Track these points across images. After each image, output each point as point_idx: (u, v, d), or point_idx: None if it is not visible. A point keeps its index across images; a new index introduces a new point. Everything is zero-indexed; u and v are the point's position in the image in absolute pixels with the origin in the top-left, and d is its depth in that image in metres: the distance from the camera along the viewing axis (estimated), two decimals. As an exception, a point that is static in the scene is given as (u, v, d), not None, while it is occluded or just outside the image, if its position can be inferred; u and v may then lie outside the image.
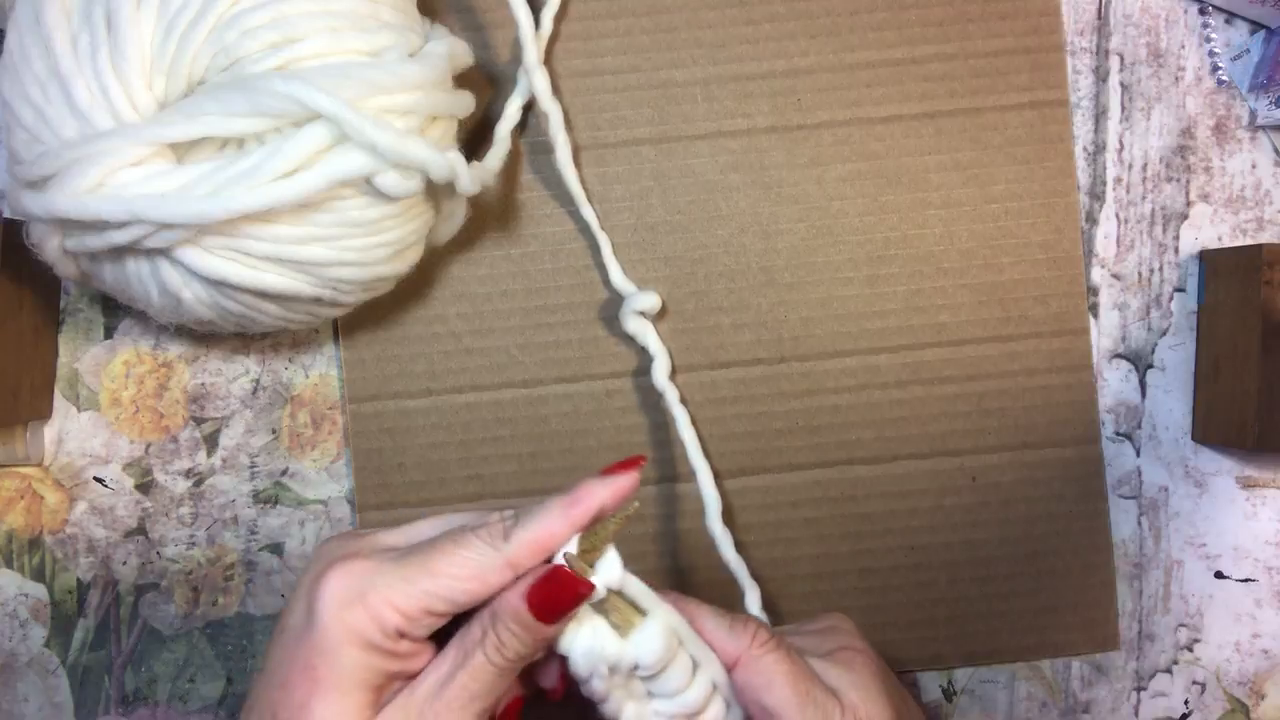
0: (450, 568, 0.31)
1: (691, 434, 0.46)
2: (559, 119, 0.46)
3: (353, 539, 0.34)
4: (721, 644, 0.35)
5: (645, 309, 0.46)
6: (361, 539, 0.34)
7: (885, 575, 0.48)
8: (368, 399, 0.47)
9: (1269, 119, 0.48)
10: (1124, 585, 0.48)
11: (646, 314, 0.46)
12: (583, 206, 0.47)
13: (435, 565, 0.31)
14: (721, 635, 0.35)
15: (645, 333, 0.46)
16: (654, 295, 0.46)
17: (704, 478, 0.45)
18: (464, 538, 0.32)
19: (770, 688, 0.34)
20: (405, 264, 0.43)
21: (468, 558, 0.31)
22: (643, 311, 0.46)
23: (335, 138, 0.37)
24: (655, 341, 0.46)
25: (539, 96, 0.46)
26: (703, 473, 0.45)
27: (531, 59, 0.45)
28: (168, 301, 0.40)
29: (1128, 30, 0.49)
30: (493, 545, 0.32)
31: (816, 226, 0.48)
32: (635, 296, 0.46)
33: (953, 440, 0.48)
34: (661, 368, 0.46)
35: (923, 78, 0.48)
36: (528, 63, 0.45)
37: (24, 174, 0.37)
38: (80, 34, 0.37)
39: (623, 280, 0.47)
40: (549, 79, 0.46)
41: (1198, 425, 0.48)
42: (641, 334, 0.46)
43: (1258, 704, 0.49)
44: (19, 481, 0.48)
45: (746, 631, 0.35)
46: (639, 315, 0.46)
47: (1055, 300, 0.48)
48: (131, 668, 0.48)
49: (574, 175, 0.47)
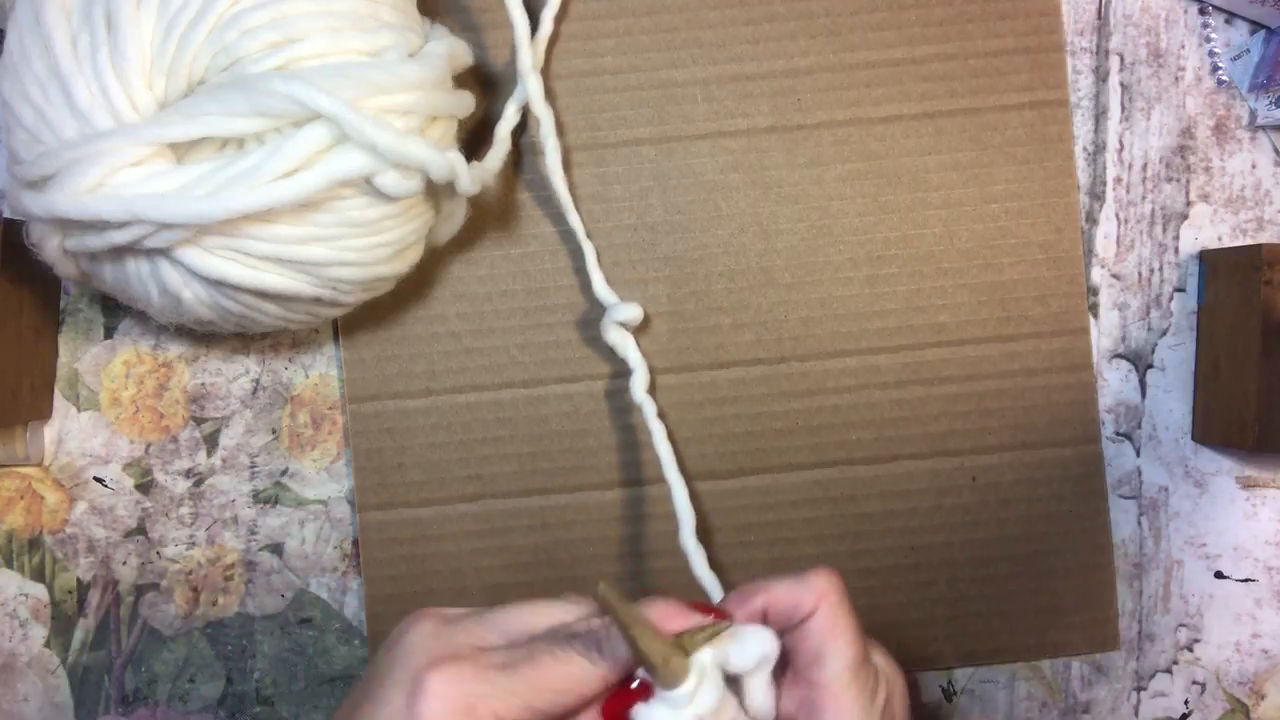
0: (553, 682, 0.31)
1: (667, 448, 0.45)
2: (550, 124, 0.46)
3: (447, 629, 0.33)
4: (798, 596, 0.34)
5: (626, 320, 0.46)
6: (457, 632, 0.33)
7: (885, 575, 0.48)
8: (368, 399, 0.47)
9: (1269, 119, 0.48)
10: (1124, 585, 0.48)
11: (627, 325, 0.46)
12: (569, 213, 0.46)
13: (539, 679, 0.31)
14: (797, 588, 0.34)
15: (625, 344, 0.46)
16: (636, 307, 0.46)
17: (678, 493, 0.44)
18: (564, 651, 0.32)
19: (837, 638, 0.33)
20: (405, 264, 0.43)
21: (570, 673, 0.31)
22: (623, 323, 0.46)
23: (335, 138, 0.37)
24: (635, 354, 0.46)
25: (532, 101, 0.46)
26: (677, 488, 0.44)
27: (525, 64, 0.45)
28: (168, 301, 0.40)
29: (1128, 30, 0.49)
30: (591, 660, 0.32)
31: (816, 226, 0.48)
32: (616, 308, 0.46)
33: (953, 440, 0.48)
34: (640, 380, 0.45)
35: (923, 78, 0.48)
36: (521, 68, 0.45)
37: (24, 174, 0.37)
38: (80, 34, 0.37)
39: (605, 290, 0.47)
40: (542, 84, 0.46)
41: (1198, 425, 0.48)
42: (622, 345, 0.46)
43: (1258, 704, 0.49)
44: (19, 481, 0.48)
45: (822, 577, 0.34)
46: (619, 326, 0.46)
47: (1055, 300, 0.48)
48: (131, 668, 0.48)
49: (562, 181, 0.46)
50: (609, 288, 0.47)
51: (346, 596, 0.48)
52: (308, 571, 0.48)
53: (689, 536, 0.43)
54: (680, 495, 0.44)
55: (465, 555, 0.47)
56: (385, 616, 0.47)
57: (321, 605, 0.48)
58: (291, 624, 0.48)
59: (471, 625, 0.33)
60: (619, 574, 0.47)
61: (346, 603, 0.48)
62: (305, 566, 0.48)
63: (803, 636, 0.34)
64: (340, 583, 0.48)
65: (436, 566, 0.47)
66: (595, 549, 0.47)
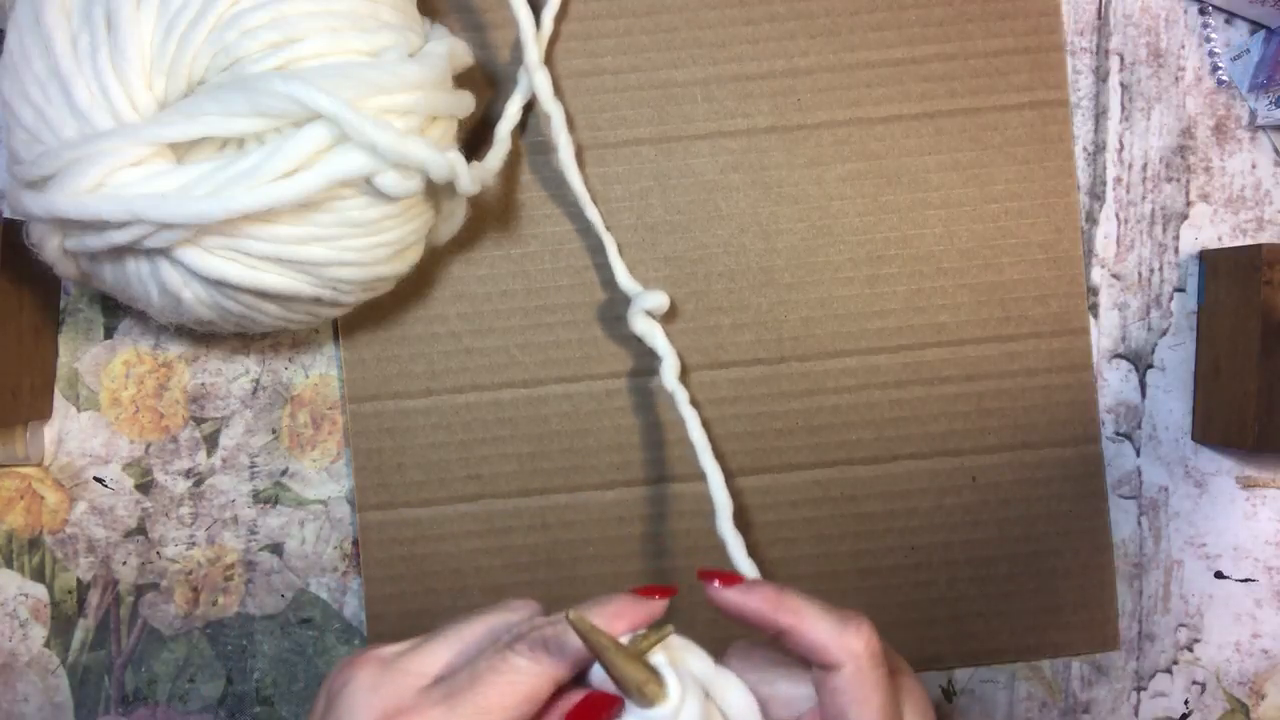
0: (502, 699, 0.30)
1: (702, 435, 0.44)
2: (561, 120, 0.46)
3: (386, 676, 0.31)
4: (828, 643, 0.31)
5: (653, 309, 0.46)
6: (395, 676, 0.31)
7: (885, 575, 0.48)
8: (368, 399, 0.47)
9: (1269, 119, 0.48)
10: (1124, 585, 0.48)
11: (654, 314, 0.46)
12: (586, 207, 0.46)
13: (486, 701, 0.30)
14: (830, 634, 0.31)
15: (653, 333, 0.46)
16: (662, 295, 0.46)
17: (715, 481, 0.44)
18: (505, 662, 0.30)
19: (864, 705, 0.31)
20: (405, 264, 0.43)
21: (516, 684, 0.30)
22: (650, 311, 0.46)
23: (335, 138, 0.37)
24: (664, 342, 0.46)
25: (540, 97, 0.46)
26: (713, 476, 0.44)
27: (533, 59, 0.45)
28: (168, 301, 0.40)
29: (1128, 30, 0.49)
30: (537, 661, 0.30)
31: (816, 226, 0.48)
32: (642, 296, 0.46)
33: (953, 440, 0.48)
34: (670, 369, 0.45)
35: (923, 78, 0.48)
36: (529, 63, 0.45)
37: (24, 174, 0.37)
38: (80, 34, 0.37)
39: (629, 280, 0.47)
40: (550, 79, 0.46)
41: (1198, 425, 0.48)
42: (650, 335, 0.46)
43: (1258, 704, 0.49)
44: (19, 481, 0.48)
45: (860, 636, 0.31)
46: (646, 315, 0.46)
47: (1055, 300, 0.48)
48: (131, 668, 0.48)
49: (577, 176, 0.46)
50: (632, 278, 0.47)
51: (346, 596, 0.48)
52: (308, 571, 0.48)
53: (725, 522, 0.42)
54: (716, 481, 0.43)
55: (465, 555, 0.47)
56: (385, 616, 0.47)
57: (321, 605, 0.48)
58: (291, 624, 0.48)
59: (409, 663, 0.31)
60: (618, 574, 0.47)
61: (346, 603, 0.48)
62: (305, 566, 0.48)
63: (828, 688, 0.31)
64: (340, 583, 0.48)
65: (436, 566, 0.47)
66: (595, 549, 0.48)
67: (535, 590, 0.47)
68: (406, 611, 0.47)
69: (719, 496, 0.43)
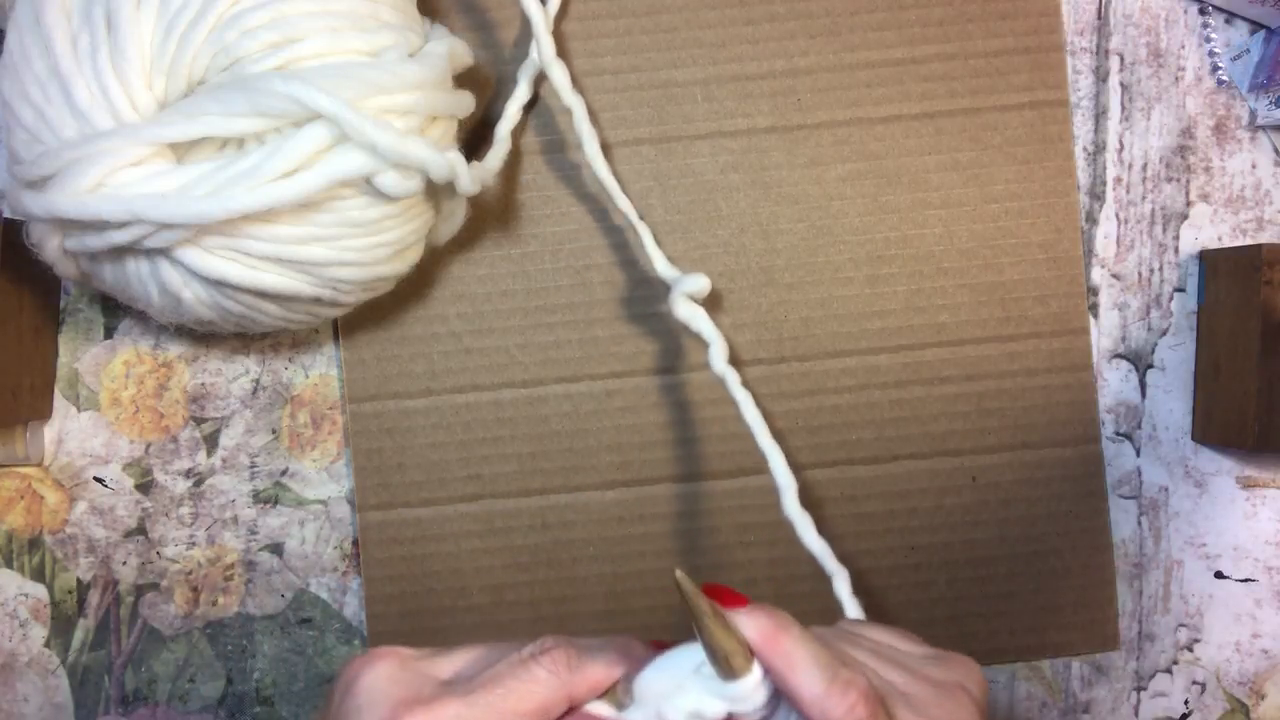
0: (520, 704, 0.30)
1: (757, 416, 0.43)
2: (583, 112, 0.45)
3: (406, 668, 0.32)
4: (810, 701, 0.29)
5: (694, 292, 0.44)
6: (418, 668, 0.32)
7: (885, 575, 0.48)
8: (368, 399, 0.47)
9: (1269, 119, 0.48)
10: (1124, 585, 0.48)
11: (696, 297, 0.44)
12: (618, 197, 0.45)
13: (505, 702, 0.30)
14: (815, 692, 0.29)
15: (696, 317, 0.44)
16: (703, 278, 0.44)
17: (776, 462, 0.43)
18: (526, 669, 0.31)
19: None
20: (405, 264, 0.43)
21: (534, 691, 0.31)
22: (692, 295, 0.44)
23: (335, 138, 0.37)
24: (709, 326, 0.44)
25: (560, 91, 0.45)
26: (774, 457, 0.43)
27: (548, 53, 0.44)
28: (168, 301, 0.40)
29: (1128, 30, 0.49)
30: (557, 675, 0.31)
31: (816, 226, 0.48)
32: (683, 280, 0.44)
33: (953, 440, 0.48)
34: (719, 352, 0.44)
35: (923, 78, 0.48)
36: (545, 57, 0.44)
37: (24, 174, 0.37)
38: (80, 34, 0.37)
39: (667, 267, 0.46)
40: (568, 73, 0.45)
41: (1198, 425, 0.48)
42: (693, 319, 0.44)
43: (1258, 704, 0.49)
44: (19, 481, 0.48)
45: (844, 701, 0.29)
46: (688, 299, 0.44)
47: (1055, 300, 0.48)
48: (131, 668, 0.48)
49: (605, 167, 0.46)
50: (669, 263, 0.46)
51: (346, 596, 0.48)
52: (308, 571, 0.48)
53: (792, 502, 0.42)
54: (778, 462, 0.43)
55: (465, 555, 0.47)
56: (385, 616, 0.47)
57: (321, 605, 0.48)
58: (291, 624, 0.48)
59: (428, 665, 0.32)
60: (618, 574, 0.47)
61: (346, 603, 0.48)
62: (305, 566, 0.48)
63: None
64: (340, 583, 0.48)
65: (436, 566, 0.47)
66: (595, 549, 0.48)
67: (535, 590, 0.47)
68: (406, 611, 0.47)
69: (782, 478, 0.42)
